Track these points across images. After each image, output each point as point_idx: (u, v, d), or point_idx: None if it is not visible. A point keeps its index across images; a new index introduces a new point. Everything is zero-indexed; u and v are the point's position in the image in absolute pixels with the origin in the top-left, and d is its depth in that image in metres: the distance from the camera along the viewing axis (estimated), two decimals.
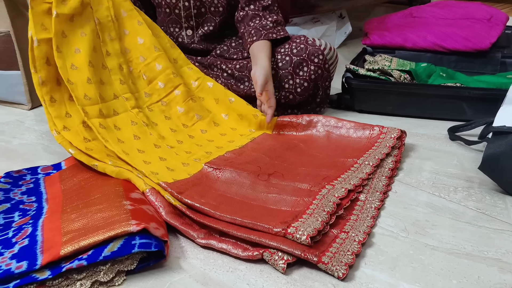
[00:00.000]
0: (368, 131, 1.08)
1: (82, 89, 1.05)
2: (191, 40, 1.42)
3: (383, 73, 1.36)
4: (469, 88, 1.21)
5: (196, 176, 0.93)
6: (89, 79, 1.07)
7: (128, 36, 1.20)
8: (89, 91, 1.06)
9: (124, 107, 1.11)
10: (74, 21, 1.11)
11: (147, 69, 1.19)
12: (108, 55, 1.16)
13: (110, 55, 1.16)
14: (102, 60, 1.14)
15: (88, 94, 1.06)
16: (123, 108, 1.11)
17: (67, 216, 0.77)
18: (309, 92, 1.27)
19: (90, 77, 1.08)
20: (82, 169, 0.97)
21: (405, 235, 0.80)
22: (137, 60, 1.19)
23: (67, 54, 1.08)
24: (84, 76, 1.07)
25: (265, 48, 1.22)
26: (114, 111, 1.09)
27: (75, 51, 1.09)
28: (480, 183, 0.95)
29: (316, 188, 0.87)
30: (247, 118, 1.18)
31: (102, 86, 1.11)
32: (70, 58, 1.08)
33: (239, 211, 0.81)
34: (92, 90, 1.07)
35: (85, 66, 1.08)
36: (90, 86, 1.07)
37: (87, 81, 1.07)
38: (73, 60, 1.08)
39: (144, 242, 0.70)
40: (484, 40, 1.51)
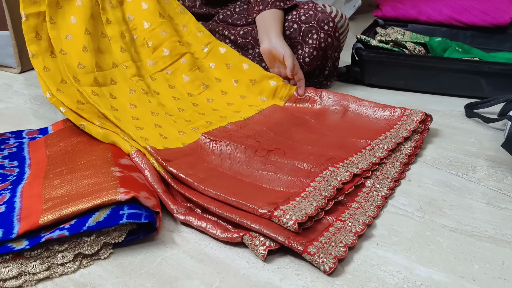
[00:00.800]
0: (388, 112, 0.98)
1: (76, 58, 0.99)
2: (192, 4, 1.34)
3: (397, 45, 1.28)
4: (488, 62, 1.13)
5: (190, 147, 0.86)
6: (84, 48, 1.01)
7: (132, 2, 1.12)
8: (83, 59, 1.00)
9: (123, 75, 1.04)
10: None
11: (152, 36, 1.12)
12: (109, 23, 1.09)
13: (111, 23, 1.09)
14: (101, 28, 1.08)
15: (82, 62, 0.99)
16: (122, 76, 1.04)
17: (49, 182, 0.70)
18: (317, 62, 1.19)
19: (86, 45, 1.01)
20: (69, 134, 0.89)
21: (421, 215, 0.73)
22: (141, 27, 1.12)
23: (62, 25, 1.02)
24: (79, 45, 1.01)
25: (277, 20, 1.14)
26: (112, 80, 1.02)
27: (71, 20, 1.03)
28: (500, 162, 0.88)
29: (317, 169, 0.78)
30: (261, 84, 1.09)
31: (100, 55, 1.04)
32: (65, 28, 1.02)
33: (227, 187, 0.73)
34: (87, 58, 1.01)
35: (81, 35, 1.02)
36: (86, 54, 1.01)
37: (82, 50, 1.01)
38: (68, 30, 1.02)
39: (134, 212, 0.62)
40: (504, 15, 1.42)
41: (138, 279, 0.60)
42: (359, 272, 0.61)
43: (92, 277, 0.60)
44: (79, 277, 0.60)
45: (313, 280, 0.59)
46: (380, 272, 0.61)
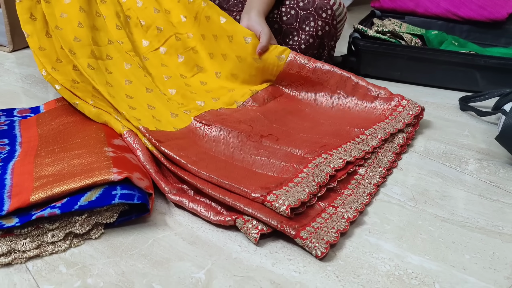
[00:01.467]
0: (385, 102, 0.98)
1: (71, 33, 0.98)
2: None
3: (394, 36, 1.27)
4: (484, 56, 1.13)
5: (182, 131, 0.85)
6: (80, 23, 1.00)
7: None
8: (79, 34, 0.98)
9: (119, 50, 1.02)
10: None
11: (144, 14, 1.10)
12: (104, 2, 1.08)
13: (105, 3, 1.08)
14: (95, 8, 1.07)
15: (78, 36, 0.98)
16: (118, 51, 1.02)
17: (41, 160, 0.69)
18: (313, 50, 1.18)
19: (82, 21, 1.00)
20: (62, 114, 0.88)
21: (413, 205, 0.73)
22: (134, 6, 1.11)
23: (56, 4, 1.01)
24: (74, 21, 1.00)
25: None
26: (108, 56, 1.00)
27: (65, 1, 1.01)
28: (493, 155, 0.88)
29: (310, 156, 0.78)
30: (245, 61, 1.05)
31: (95, 31, 1.03)
32: (60, 7, 1.01)
33: (220, 170, 0.72)
34: (83, 32, 0.99)
35: (76, 12, 1.01)
36: (81, 29, 0.99)
37: (78, 25, 0.99)
38: (62, 9, 1.01)
39: (126, 193, 0.62)
40: (501, 10, 1.42)
41: (129, 259, 0.59)
42: (351, 259, 0.61)
43: (82, 256, 0.60)
44: (69, 256, 0.60)
45: (305, 265, 0.59)
46: (371, 259, 0.61)
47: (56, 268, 0.58)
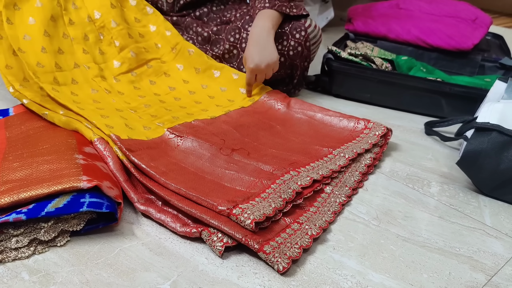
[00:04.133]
0: (352, 123, 1.00)
1: (34, 58, 0.99)
2: (171, 9, 1.33)
3: (365, 59, 1.31)
4: (450, 84, 1.18)
5: (155, 141, 0.85)
6: (43, 48, 1.01)
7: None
8: (42, 59, 0.99)
9: (85, 76, 1.04)
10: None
11: (119, 35, 1.11)
12: (72, 23, 1.08)
13: (73, 24, 1.08)
14: (63, 29, 1.07)
15: (41, 62, 0.99)
16: (84, 77, 1.03)
17: (9, 164, 0.68)
18: (285, 70, 1.21)
19: (45, 46, 1.01)
20: (32, 118, 0.87)
21: (377, 224, 0.75)
22: (109, 25, 1.11)
23: (19, 25, 1.01)
24: (37, 45, 1.01)
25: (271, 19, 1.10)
26: (73, 80, 1.01)
27: (29, 21, 1.03)
28: (454, 179, 0.92)
29: (279, 172, 0.80)
30: (230, 91, 1.11)
31: (60, 55, 1.03)
32: (23, 28, 1.01)
33: (188, 182, 0.74)
34: (46, 59, 1.00)
35: (39, 36, 1.02)
36: (44, 55, 1.00)
37: (41, 50, 1.00)
38: (26, 30, 1.01)
39: (95, 201, 0.62)
40: (467, 41, 1.49)
41: (95, 268, 0.59)
42: (315, 274, 0.62)
43: (46, 264, 0.59)
44: (33, 263, 0.59)
45: (270, 280, 0.61)
46: (334, 276, 0.63)
47: (18, 274, 0.57)
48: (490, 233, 0.76)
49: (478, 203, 0.84)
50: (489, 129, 0.84)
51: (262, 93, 1.11)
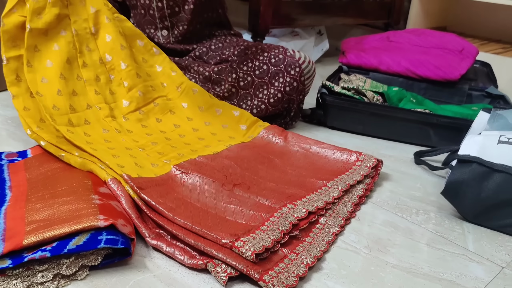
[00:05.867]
0: (345, 156, 1.08)
1: (51, 100, 1.07)
2: (167, 41, 1.42)
3: (358, 93, 1.39)
4: (437, 115, 1.26)
5: (162, 177, 0.93)
6: (59, 91, 1.08)
7: (110, 42, 1.20)
8: (58, 102, 1.07)
9: (97, 116, 1.12)
10: (48, 35, 1.14)
11: (128, 76, 1.19)
12: (85, 66, 1.17)
13: (86, 66, 1.17)
14: (77, 71, 1.15)
15: (57, 105, 1.07)
16: (96, 117, 1.11)
17: (32, 205, 0.75)
18: (282, 104, 1.29)
19: (61, 88, 1.09)
20: (49, 159, 0.95)
21: (367, 252, 0.82)
22: (118, 67, 1.20)
23: (38, 68, 1.10)
24: (54, 88, 1.09)
25: None
26: (86, 121, 1.09)
27: (47, 64, 1.11)
28: (440, 207, 0.99)
29: (277, 205, 0.87)
30: (231, 129, 1.19)
31: (74, 97, 1.11)
32: (41, 71, 1.10)
33: (194, 217, 0.80)
34: (61, 101, 1.08)
35: (56, 79, 1.10)
36: (60, 97, 1.08)
37: (57, 93, 1.08)
38: (44, 73, 1.10)
39: (111, 238, 0.69)
40: (454, 71, 1.57)
41: None
42: None
43: None
44: None
45: None
46: None
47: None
48: (472, 258, 0.83)
49: (462, 230, 0.91)
50: (469, 161, 0.91)
51: (260, 128, 1.19)
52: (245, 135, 1.18)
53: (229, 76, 1.30)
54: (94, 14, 1.20)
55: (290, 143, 1.15)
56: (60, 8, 1.15)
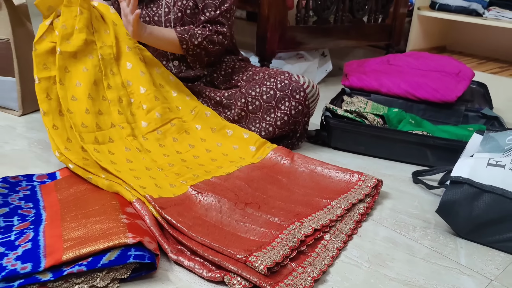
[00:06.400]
0: (348, 176, 1.16)
1: (80, 118, 1.16)
2: (178, 70, 1.52)
3: (359, 115, 1.48)
4: (433, 137, 1.35)
5: (180, 197, 1.02)
6: (87, 110, 1.18)
7: (131, 69, 1.30)
8: (86, 120, 1.17)
9: (120, 134, 1.21)
10: (77, 58, 1.24)
11: (147, 100, 1.29)
12: (109, 88, 1.26)
13: (111, 88, 1.27)
14: (103, 92, 1.25)
15: (85, 123, 1.16)
16: (119, 135, 1.21)
17: (67, 224, 0.84)
18: (288, 126, 1.38)
19: (89, 108, 1.19)
20: (77, 181, 1.04)
21: (368, 266, 0.90)
22: (138, 91, 1.29)
23: (69, 87, 1.20)
24: (82, 107, 1.18)
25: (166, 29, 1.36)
26: (110, 139, 1.19)
27: (76, 84, 1.21)
28: (435, 224, 1.07)
29: (285, 223, 0.95)
30: (242, 149, 1.28)
31: (100, 116, 1.21)
32: (71, 90, 1.20)
33: (211, 234, 0.89)
34: (89, 119, 1.18)
35: (84, 98, 1.20)
36: (88, 116, 1.18)
37: (85, 112, 1.18)
38: (74, 92, 1.20)
39: (139, 254, 0.78)
40: (451, 93, 1.66)
41: None
42: None
43: None
44: None
45: None
46: None
47: None
48: (464, 271, 0.91)
49: (456, 245, 0.99)
50: (461, 182, 0.99)
51: (269, 150, 1.28)
52: (254, 156, 1.27)
53: (238, 100, 1.39)
54: (116, 42, 1.30)
55: (296, 163, 1.24)
56: (87, 34, 1.25)
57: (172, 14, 1.43)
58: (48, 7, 1.22)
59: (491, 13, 2.46)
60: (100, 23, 1.30)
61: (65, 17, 1.23)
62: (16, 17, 1.49)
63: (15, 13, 1.49)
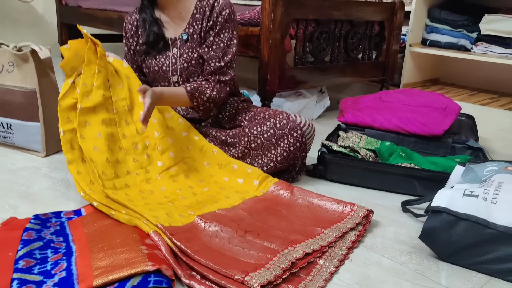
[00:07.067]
0: (341, 207, 1.29)
1: (101, 167, 1.31)
2: (186, 112, 1.68)
3: (352, 150, 1.62)
4: (420, 169, 1.48)
5: (188, 226, 1.15)
6: (107, 159, 1.34)
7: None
8: (106, 169, 1.32)
9: (134, 180, 1.37)
10: (96, 111, 1.40)
11: (161, 142, 1.45)
12: (124, 137, 1.42)
13: (126, 138, 1.42)
14: (119, 143, 1.41)
15: (105, 171, 1.32)
16: (133, 181, 1.36)
17: (96, 255, 0.98)
18: (288, 161, 1.52)
19: (108, 157, 1.34)
20: (101, 217, 1.18)
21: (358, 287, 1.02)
22: (152, 135, 1.45)
23: (90, 139, 1.35)
24: (103, 156, 1.34)
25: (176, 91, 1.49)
26: (126, 184, 1.34)
27: (97, 135, 1.36)
28: (420, 249, 1.19)
29: (280, 248, 1.08)
30: (246, 183, 1.41)
31: (117, 165, 1.37)
32: (93, 141, 1.35)
33: (214, 258, 1.02)
34: (108, 168, 1.33)
35: (105, 149, 1.35)
36: (108, 165, 1.33)
37: (106, 161, 1.34)
38: (95, 143, 1.35)
39: (158, 279, 0.91)
40: (439, 127, 1.80)
41: None
42: None
43: None
44: None
45: None
46: None
47: None
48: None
49: (438, 268, 1.11)
50: (440, 211, 1.12)
51: (271, 184, 1.41)
52: (257, 190, 1.41)
53: (242, 139, 1.53)
54: (130, 94, 1.46)
55: (296, 196, 1.37)
56: (104, 90, 1.42)
57: (178, 64, 1.60)
58: (71, 68, 1.39)
59: (478, 48, 2.61)
60: (114, 78, 1.47)
61: (85, 75, 1.39)
62: (41, 69, 1.66)
63: (41, 66, 1.66)
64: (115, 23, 2.84)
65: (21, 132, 1.70)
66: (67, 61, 1.40)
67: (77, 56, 1.40)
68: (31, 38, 3.80)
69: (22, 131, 1.70)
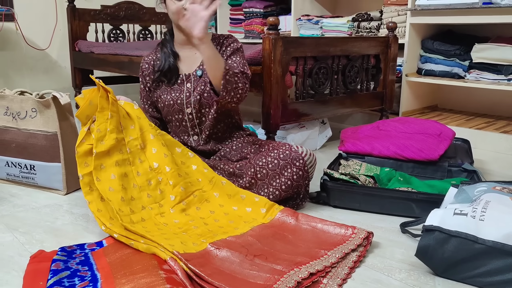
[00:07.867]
0: (343, 230, 1.39)
1: (117, 205, 1.43)
2: (197, 144, 1.81)
3: (352, 177, 1.73)
4: (416, 192, 1.58)
5: (201, 252, 1.25)
6: (122, 198, 1.45)
7: (156, 154, 1.58)
8: (122, 206, 1.44)
9: (149, 214, 1.48)
10: (110, 154, 1.52)
11: (172, 176, 1.56)
12: (139, 175, 1.54)
13: (140, 175, 1.54)
14: (133, 180, 1.53)
15: (121, 208, 1.43)
16: (148, 215, 1.48)
17: (118, 281, 1.08)
18: (292, 189, 1.62)
19: (123, 196, 1.46)
20: (121, 247, 1.28)
21: None
22: (164, 170, 1.57)
23: (105, 180, 1.47)
24: (118, 196, 1.46)
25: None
26: (142, 219, 1.45)
27: (111, 177, 1.48)
28: (418, 266, 1.27)
29: (286, 270, 1.17)
30: (254, 212, 1.52)
31: (132, 202, 1.48)
32: (108, 183, 1.47)
33: (226, 280, 1.11)
34: (124, 206, 1.45)
35: (119, 189, 1.47)
36: (123, 203, 1.45)
37: (121, 199, 1.45)
38: (110, 184, 1.47)
39: None
40: (434, 152, 1.90)
41: None
42: None
43: None
44: None
45: None
46: None
47: None
48: None
49: (434, 283, 1.20)
50: (432, 229, 1.21)
51: (277, 211, 1.51)
52: (264, 217, 1.51)
53: (248, 170, 1.65)
54: (141, 134, 1.59)
55: (301, 222, 1.47)
56: (117, 133, 1.55)
57: (192, 97, 1.74)
58: (86, 116, 1.53)
59: (472, 76, 2.74)
60: (126, 120, 1.60)
61: (99, 121, 1.52)
62: (62, 114, 1.80)
63: (61, 111, 1.80)
64: (126, 66, 3.02)
65: (44, 172, 1.83)
66: (82, 111, 1.53)
67: (91, 105, 1.53)
68: (46, 82, 4.01)
69: (44, 172, 1.83)
